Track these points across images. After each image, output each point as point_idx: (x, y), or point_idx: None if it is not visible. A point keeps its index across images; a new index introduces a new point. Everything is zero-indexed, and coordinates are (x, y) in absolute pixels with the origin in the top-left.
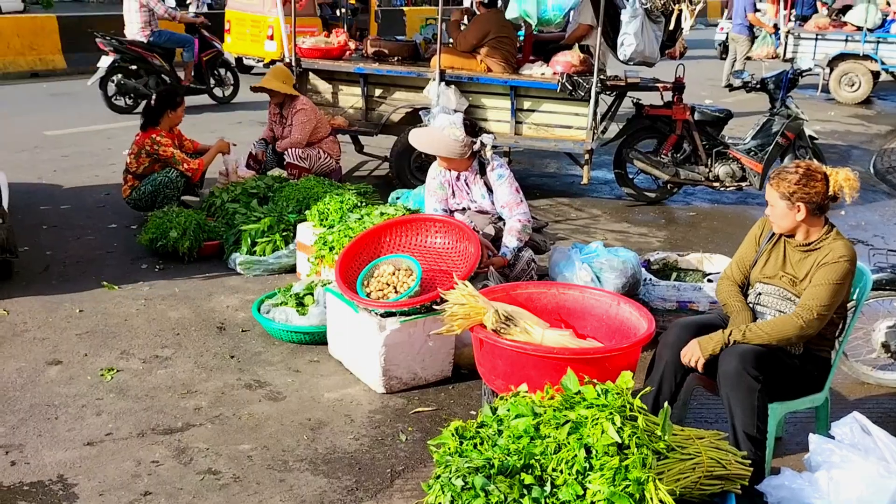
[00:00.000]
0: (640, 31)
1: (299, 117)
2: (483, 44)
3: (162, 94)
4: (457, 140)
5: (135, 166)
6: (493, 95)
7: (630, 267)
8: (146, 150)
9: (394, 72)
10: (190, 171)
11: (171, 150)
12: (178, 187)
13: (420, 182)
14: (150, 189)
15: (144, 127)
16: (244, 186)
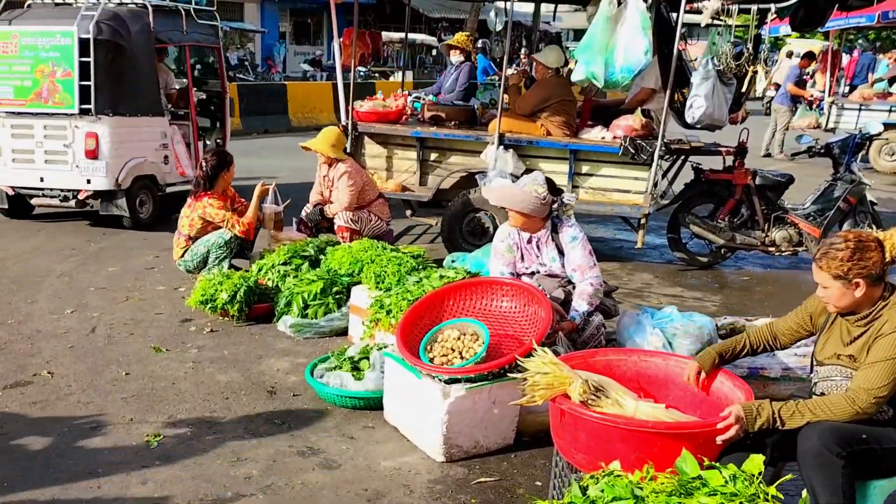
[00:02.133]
0: (710, 93)
1: (344, 181)
2: (544, 108)
3: (214, 157)
4: (538, 197)
5: (188, 229)
6: (551, 159)
7: (706, 333)
8: (199, 214)
9: (451, 135)
10: (243, 232)
11: (222, 213)
12: (231, 248)
13: (472, 247)
14: (202, 251)
15: (196, 193)
16: (295, 249)
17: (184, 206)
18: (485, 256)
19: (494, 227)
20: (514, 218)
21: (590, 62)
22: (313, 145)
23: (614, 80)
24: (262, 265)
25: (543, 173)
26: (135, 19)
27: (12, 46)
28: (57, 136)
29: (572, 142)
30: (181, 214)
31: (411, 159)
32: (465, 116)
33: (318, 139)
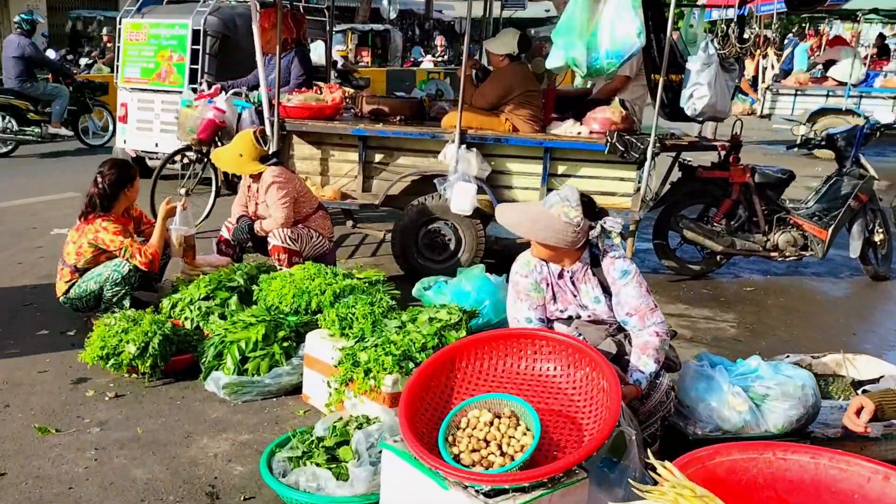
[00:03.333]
0: (713, 81)
1: (274, 193)
2: (507, 100)
3: (112, 170)
4: (570, 223)
5: (74, 258)
6: (522, 159)
7: (809, 393)
8: (89, 240)
9: (403, 133)
10: (145, 264)
11: (119, 240)
12: (130, 284)
13: (430, 263)
14: (93, 287)
15: (87, 214)
16: (219, 278)
17: (70, 228)
18: (469, 281)
19: (457, 239)
20: (539, 249)
21: (569, 46)
22: (217, 159)
23: (598, 66)
24: (175, 300)
25: (512, 175)
26: (243, 14)
27: (142, 35)
28: (170, 110)
29: (548, 138)
30: (67, 239)
31: (351, 161)
32: (410, 110)
33: (224, 156)
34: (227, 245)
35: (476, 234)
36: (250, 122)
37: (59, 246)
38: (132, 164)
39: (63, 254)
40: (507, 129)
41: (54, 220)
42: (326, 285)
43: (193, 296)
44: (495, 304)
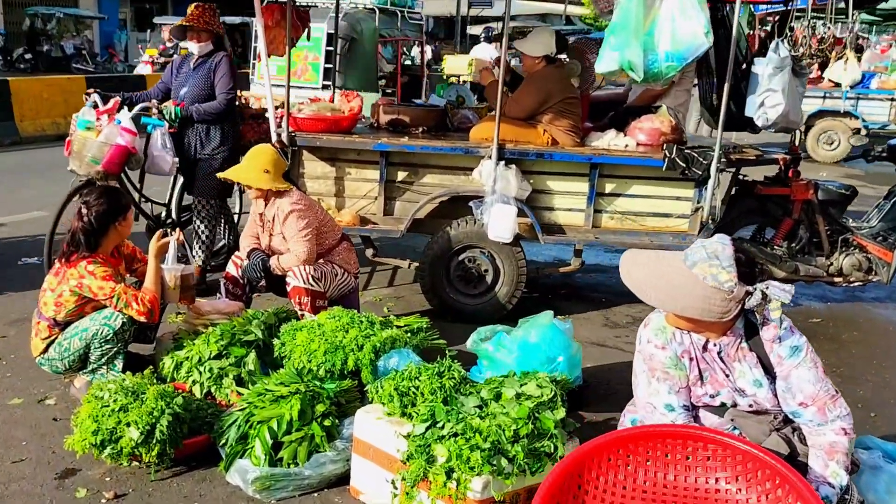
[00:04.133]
0: (786, 87)
1: (294, 223)
2: (544, 109)
3: (100, 198)
4: (719, 289)
5: (53, 310)
6: (565, 177)
7: None
8: (71, 287)
9: (432, 148)
10: (143, 314)
11: (109, 287)
12: (124, 341)
13: (464, 297)
14: (78, 345)
15: (69, 254)
16: (231, 330)
17: (48, 273)
18: (536, 332)
19: (494, 270)
20: (677, 321)
21: (623, 46)
22: (238, 175)
23: (656, 70)
24: (179, 359)
25: (553, 195)
26: (366, 19)
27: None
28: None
29: (597, 153)
30: (43, 286)
31: (371, 180)
32: (434, 120)
33: (244, 165)
34: (234, 284)
35: (517, 263)
36: (162, 145)
37: (29, 281)
38: (123, 193)
39: (39, 304)
40: (545, 141)
41: (21, 246)
42: (364, 338)
43: (202, 354)
44: (570, 359)
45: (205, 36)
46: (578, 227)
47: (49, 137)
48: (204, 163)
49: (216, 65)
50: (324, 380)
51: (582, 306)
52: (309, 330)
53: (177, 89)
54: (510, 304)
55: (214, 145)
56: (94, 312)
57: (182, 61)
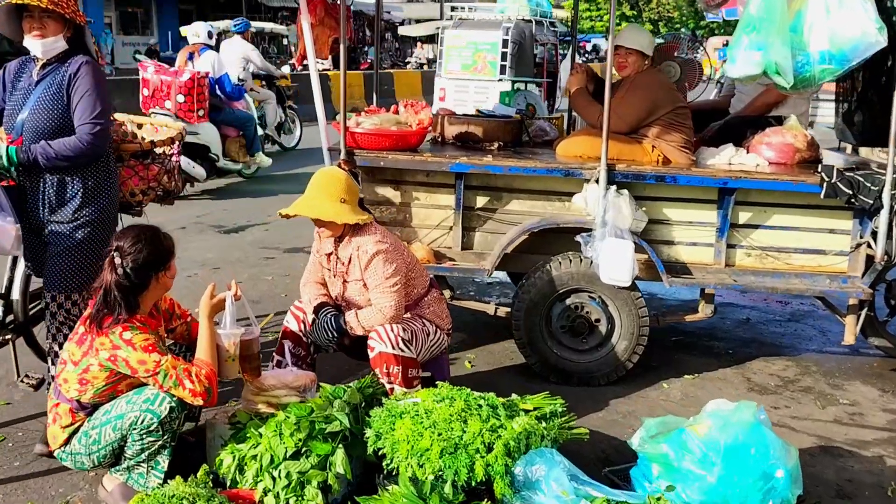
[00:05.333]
0: None
1: (379, 269)
2: (651, 121)
3: (140, 243)
4: None
5: (77, 389)
6: (687, 204)
7: None
8: (102, 361)
9: (526, 170)
10: (200, 396)
11: (153, 361)
12: (171, 431)
13: (569, 353)
14: (113, 437)
15: (100, 318)
16: (309, 415)
17: (67, 339)
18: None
19: (608, 319)
20: None
21: (767, 45)
22: (311, 209)
23: (808, 75)
24: (241, 455)
25: (672, 226)
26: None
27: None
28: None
29: (734, 175)
30: (62, 355)
31: (444, 208)
32: (510, 133)
33: (313, 195)
34: (296, 342)
35: (636, 312)
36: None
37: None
38: (167, 235)
39: (58, 379)
40: (653, 160)
41: None
42: (490, 432)
43: (275, 451)
44: (791, 473)
45: (53, 26)
46: (707, 265)
47: None
48: (58, 236)
49: (74, 76)
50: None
51: (706, 361)
52: (414, 419)
53: (10, 116)
54: (630, 363)
55: (74, 207)
56: (131, 392)
57: (19, 69)
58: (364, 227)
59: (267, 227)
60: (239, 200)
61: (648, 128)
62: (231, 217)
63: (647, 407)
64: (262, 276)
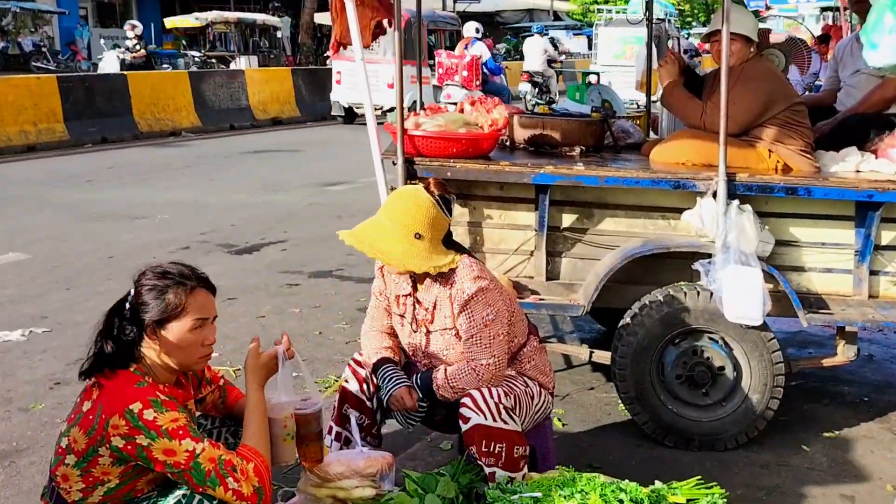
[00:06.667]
0: None
1: (479, 311)
2: (764, 121)
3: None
4: None
5: (79, 490)
6: (817, 221)
7: None
8: (115, 452)
9: (625, 181)
10: (248, 498)
11: (186, 452)
12: None
13: (689, 413)
14: None
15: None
16: None
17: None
18: None
19: (734, 366)
20: None
21: None
22: (372, 244)
23: None
24: None
25: (801, 249)
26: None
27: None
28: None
29: (881, 187)
30: (60, 442)
31: (523, 228)
32: (593, 136)
33: (378, 225)
34: (360, 409)
35: (770, 357)
36: None
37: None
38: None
39: (54, 476)
40: (770, 167)
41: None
42: None
43: None
44: None
45: None
46: (846, 296)
47: (16, 149)
48: None
49: None
50: None
51: (842, 413)
52: None
53: None
54: (764, 420)
55: None
56: (155, 493)
57: None
58: (462, 264)
59: (284, 246)
60: (243, 214)
61: (762, 129)
62: (240, 234)
63: (794, 479)
64: (288, 309)
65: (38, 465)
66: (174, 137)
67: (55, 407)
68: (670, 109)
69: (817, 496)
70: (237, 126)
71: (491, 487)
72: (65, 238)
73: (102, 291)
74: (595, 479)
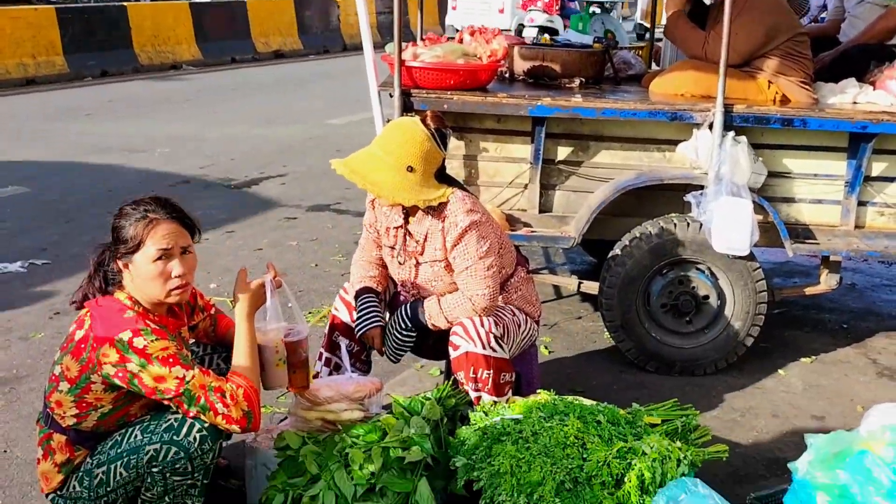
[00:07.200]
0: None
1: (472, 247)
2: (766, 52)
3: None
4: None
5: (73, 415)
6: (810, 153)
7: None
8: (107, 379)
9: (623, 113)
10: (239, 423)
11: (176, 379)
12: (204, 467)
13: (673, 341)
14: (125, 476)
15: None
16: (382, 443)
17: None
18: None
19: (718, 295)
20: None
21: None
22: (358, 176)
23: None
24: (294, 490)
25: (793, 180)
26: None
27: None
28: None
29: (876, 118)
30: (53, 369)
31: (518, 161)
32: (593, 67)
33: (370, 156)
34: (349, 336)
35: (754, 286)
36: None
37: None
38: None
39: (48, 402)
40: (769, 98)
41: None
42: (617, 459)
43: (341, 490)
44: None
45: None
46: (833, 227)
47: (15, 82)
48: None
49: None
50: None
51: (821, 339)
52: (517, 443)
53: None
54: (743, 346)
55: None
56: (148, 417)
57: None
58: (454, 197)
59: (283, 179)
60: (243, 148)
61: (763, 59)
62: (239, 168)
63: (769, 402)
64: (286, 242)
65: (37, 392)
66: (175, 70)
67: (54, 336)
68: (673, 40)
69: (789, 416)
70: (239, 59)
71: (475, 410)
72: (64, 172)
73: (101, 225)
74: (575, 402)
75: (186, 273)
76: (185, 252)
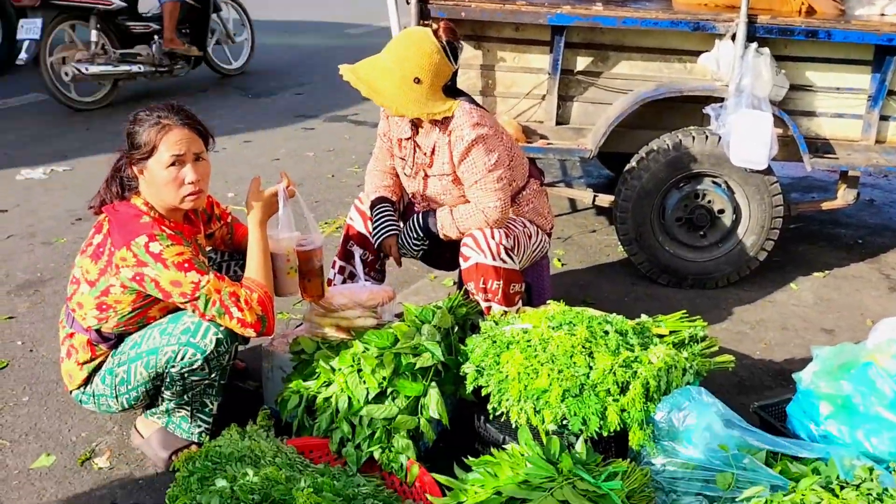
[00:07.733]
0: None
1: (480, 160)
2: None
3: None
4: None
5: (95, 317)
6: (834, 66)
7: None
8: (125, 283)
9: (643, 22)
10: (252, 327)
11: (191, 283)
12: (220, 367)
13: (686, 255)
14: (145, 375)
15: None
16: (395, 349)
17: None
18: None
19: (734, 209)
20: None
21: None
22: (363, 84)
23: None
24: (307, 392)
25: (815, 93)
26: None
27: None
28: None
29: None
30: (74, 272)
31: (536, 71)
32: None
33: (378, 65)
34: (363, 245)
35: (770, 200)
36: None
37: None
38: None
39: (70, 304)
40: (795, 9)
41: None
42: (623, 367)
43: (354, 394)
44: None
45: None
46: (853, 141)
47: None
48: None
49: None
50: (586, 463)
51: (835, 254)
52: (525, 351)
53: None
54: (756, 261)
55: None
56: (166, 318)
57: None
58: (460, 109)
59: (301, 90)
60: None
61: None
62: (258, 78)
63: (779, 315)
64: (303, 152)
65: (61, 295)
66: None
67: (76, 241)
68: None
69: (799, 329)
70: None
71: (485, 319)
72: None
73: (120, 132)
74: (584, 312)
75: (200, 179)
76: (198, 159)
